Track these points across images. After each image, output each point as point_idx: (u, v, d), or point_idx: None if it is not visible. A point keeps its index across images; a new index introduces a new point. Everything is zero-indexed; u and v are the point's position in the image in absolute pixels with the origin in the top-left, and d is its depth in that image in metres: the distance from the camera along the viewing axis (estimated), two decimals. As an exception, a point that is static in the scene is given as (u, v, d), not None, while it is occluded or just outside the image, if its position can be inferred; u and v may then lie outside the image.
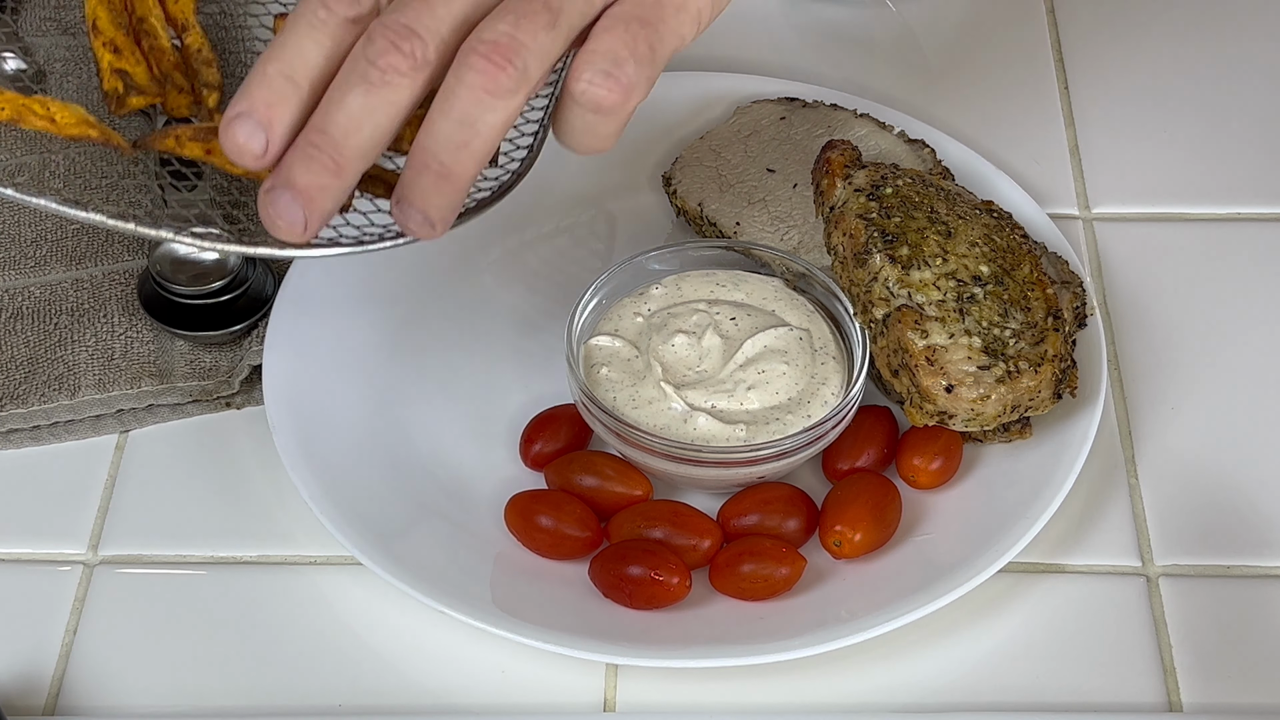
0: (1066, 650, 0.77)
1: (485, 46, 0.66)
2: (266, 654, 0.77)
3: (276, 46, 0.67)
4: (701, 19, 0.71)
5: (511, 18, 0.67)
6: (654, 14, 0.69)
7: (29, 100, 0.77)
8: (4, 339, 0.87)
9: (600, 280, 0.84)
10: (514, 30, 0.67)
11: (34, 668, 0.77)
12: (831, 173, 0.85)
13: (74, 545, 0.81)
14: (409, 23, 0.66)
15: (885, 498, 0.79)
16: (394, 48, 0.66)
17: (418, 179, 0.67)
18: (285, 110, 0.67)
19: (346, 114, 0.66)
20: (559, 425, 0.82)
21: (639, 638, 0.75)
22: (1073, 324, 0.83)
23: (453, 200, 0.68)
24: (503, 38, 0.66)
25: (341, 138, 0.66)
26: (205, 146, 0.75)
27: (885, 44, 1.03)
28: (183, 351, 0.86)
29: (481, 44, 0.66)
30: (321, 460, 0.81)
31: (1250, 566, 0.79)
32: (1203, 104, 0.99)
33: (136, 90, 0.81)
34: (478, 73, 0.66)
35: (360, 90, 0.66)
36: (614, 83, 0.68)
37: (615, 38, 0.68)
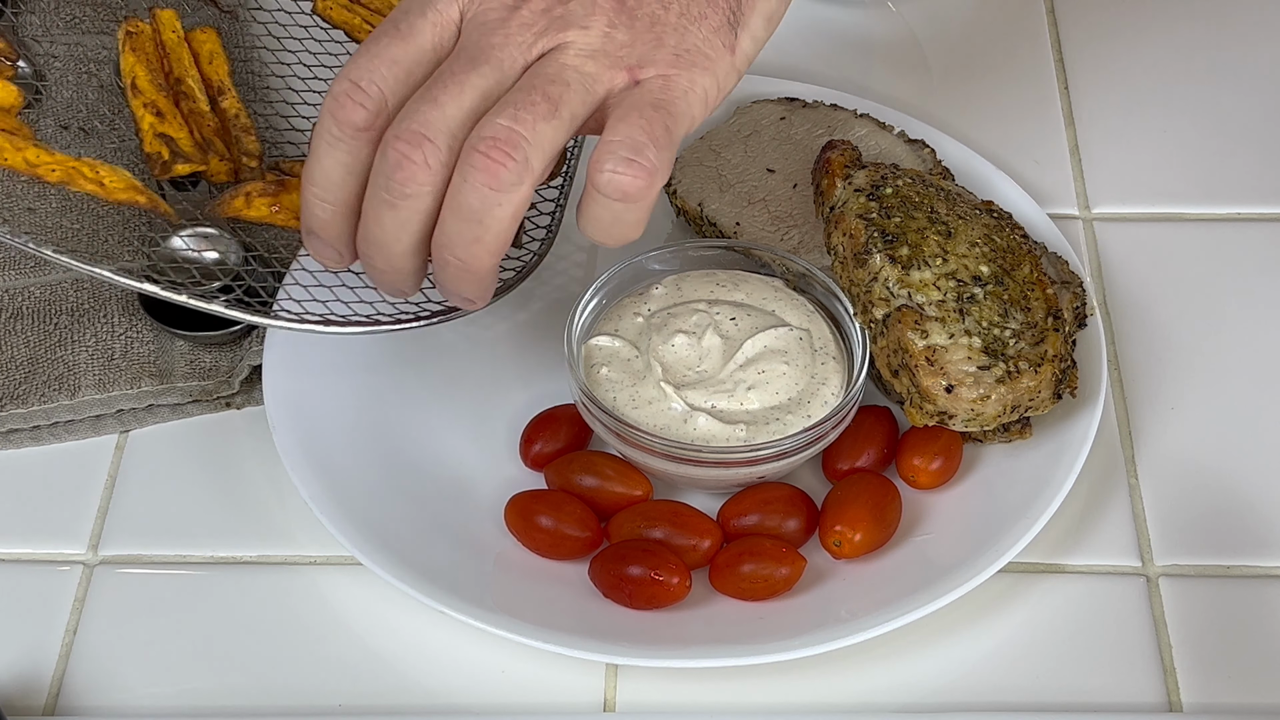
0: (1066, 650, 0.77)
1: (485, 143, 0.68)
2: (266, 654, 0.77)
3: (308, 167, 0.72)
4: (709, 99, 0.72)
5: (511, 110, 0.68)
6: (665, 97, 0.70)
7: (78, 163, 0.79)
8: (4, 339, 0.87)
9: (600, 280, 0.84)
10: (513, 124, 0.68)
11: (34, 668, 0.77)
12: (831, 173, 0.85)
13: (74, 545, 0.81)
14: (419, 128, 0.69)
15: (885, 498, 0.79)
16: (407, 160, 0.69)
17: (442, 273, 0.72)
18: (336, 228, 0.73)
19: (383, 229, 0.71)
20: (559, 425, 0.82)
21: (639, 638, 0.75)
22: (1073, 324, 0.83)
23: (481, 285, 0.72)
24: (502, 132, 0.68)
25: (387, 248, 0.71)
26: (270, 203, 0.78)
27: (885, 44, 1.03)
28: (183, 351, 0.86)
29: (482, 141, 0.68)
30: (321, 460, 0.81)
31: (1250, 566, 0.79)
32: (1203, 104, 0.99)
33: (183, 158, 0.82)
34: (480, 170, 0.68)
35: (387, 208, 0.70)
36: (638, 168, 0.69)
37: (633, 125, 0.69)
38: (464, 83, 0.69)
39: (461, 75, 0.69)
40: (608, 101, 0.71)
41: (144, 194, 0.80)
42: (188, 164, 0.83)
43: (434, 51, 0.71)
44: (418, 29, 0.71)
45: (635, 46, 0.71)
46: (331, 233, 0.73)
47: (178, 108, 0.86)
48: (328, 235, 0.73)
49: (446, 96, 0.69)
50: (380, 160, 0.70)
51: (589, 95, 0.70)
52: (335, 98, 0.70)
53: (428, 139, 0.69)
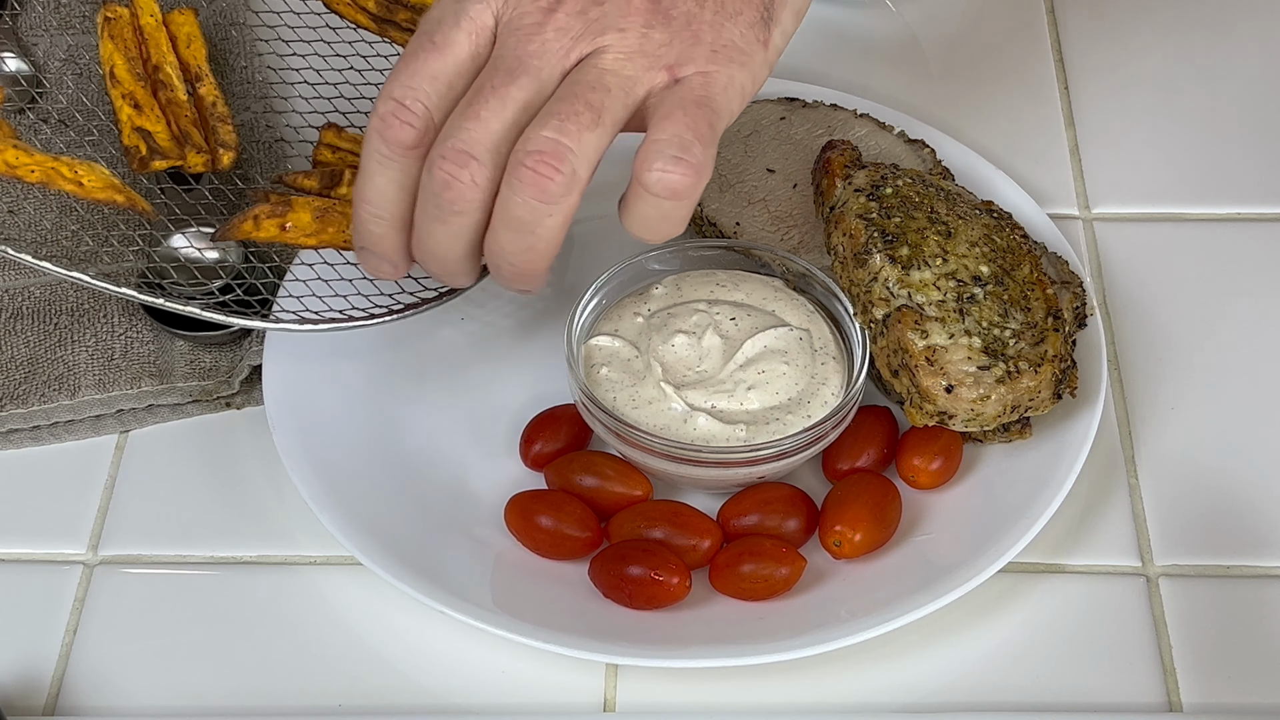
0: (1066, 650, 0.77)
1: (532, 157, 0.69)
2: (266, 654, 0.77)
3: (360, 185, 0.73)
4: (746, 94, 0.73)
5: (555, 122, 0.69)
6: (706, 94, 0.71)
7: (57, 163, 0.78)
8: (4, 339, 0.87)
9: (600, 280, 0.84)
10: (558, 135, 0.69)
11: (34, 668, 0.77)
12: (831, 173, 0.85)
13: (74, 545, 0.81)
14: (464, 146, 0.69)
15: (885, 498, 0.79)
16: (454, 179, 0.70)
17: (497, 275, 0.74)
18: (391, 241, 0.74)
19: (436, 242, 0.72)
20: (559, 425, 0.82)
21: (639, 638, 0.75)
22: (1073, 324, 0.83)
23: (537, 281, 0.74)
24: (547, 145, 0.69)
25: (442, 257, 0.73)
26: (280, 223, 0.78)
27: (885, 44, 1.03)
28: (183, 351, 0.86)
29: (528, 155, 0.69)
30: (321, 460, 0.81)
31: (1250, 566, 0.79)
32: (1203, 104, 0.99)
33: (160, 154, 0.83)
34: (528, 185, 0.69)
35: (438, 224, 0.72)
36: (685, 166, 0.70)
37: (677, 122, 0.70)
38: (505, 96, 0.70)
39: (502, 88, 0.70)
40: (648, 100, 0.71)
41: (122, 192, 0.79)
42: (164, 160, 0.83)
43: (472, 60, 0.71)
44: (454, 40, 0.71)
45: (673, 45, 0.71)
46: (386, 246, 0.74)
47: (155, 98, 0.85)
48: (382, 249, 0.75)
49: (488, 111, 0.69)
50: (428, 179, 0.71)
51: (629, 98, 0.70)
52: (382, 118, 0.71)
53: (473, 157, 0.69)
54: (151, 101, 0.85)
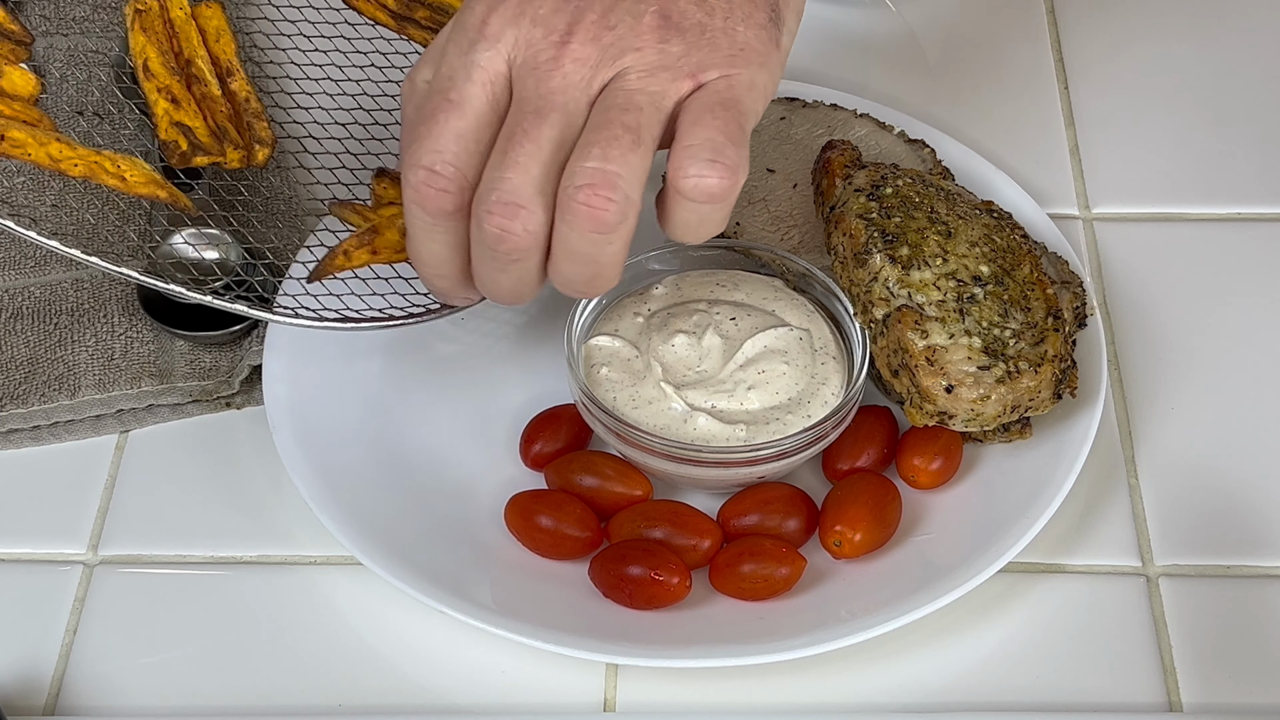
0: (1066, 650, 0.77)
1: (583, 192, 0.69)
2: (266, 654, 0.77)
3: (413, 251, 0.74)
4: (767, 94, 0.73)
5: (597, 150, 0.69)
6: (732, 95, 0.71)
7: (100, 157, 0.78)
8: (4, 339, 0.87)
9: (600, 280, 0.84)
10: (604, 164, 0.69)
11: (34, 668, 0.77)
12: (831, 173, 0.85)
13: (74, 545, 0.81)
14: (509, 197, 0.69)
15: (885, 498, 0.79)
16: (507, 233, 0.70)
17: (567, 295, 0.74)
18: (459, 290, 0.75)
19: (502, 288, 0.73)
20: (559, 425, 0.82)
21: (639, 638, 0.75)
22: (1073, 324, 0.83)
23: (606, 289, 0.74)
24: (595, 175, 0.68)
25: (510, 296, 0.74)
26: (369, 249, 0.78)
27: (885, 44, 1.03)
28: (183, 351, 0.86)
29: (579, 190, 0.69)
30: (321, 460, 0.81)
31: (1250, 566, 0.79)
32: (1203, 104, 0.99)
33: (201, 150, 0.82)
34: (583, 218, 0.69)
35: (500, 274, 0.72)
36: (721, 168, 0.69)
37: (708, 126, 0.70)
38: (538, 137, 0.69)
39: (533, 130, 0.70)
40: (676, 111, 0.71)
41: (164, 188, 0.79)
42: (206, 155, 0.83)
43: (493, 111, 0.71)
44: (470, 95, 0.71)
45: (691, 54, 0.71)
46: (458, 293, 0.75)
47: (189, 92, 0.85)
48: (455, 295, 0.76)
49: (525, 156, 0.69)
50: (479, 234, 0.71)
51: (661, 112, 0.70)
52: (416, 189, 0.71)
53: (520, 206, 0.70)
54: (188, 96, 0.85)
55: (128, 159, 0.79)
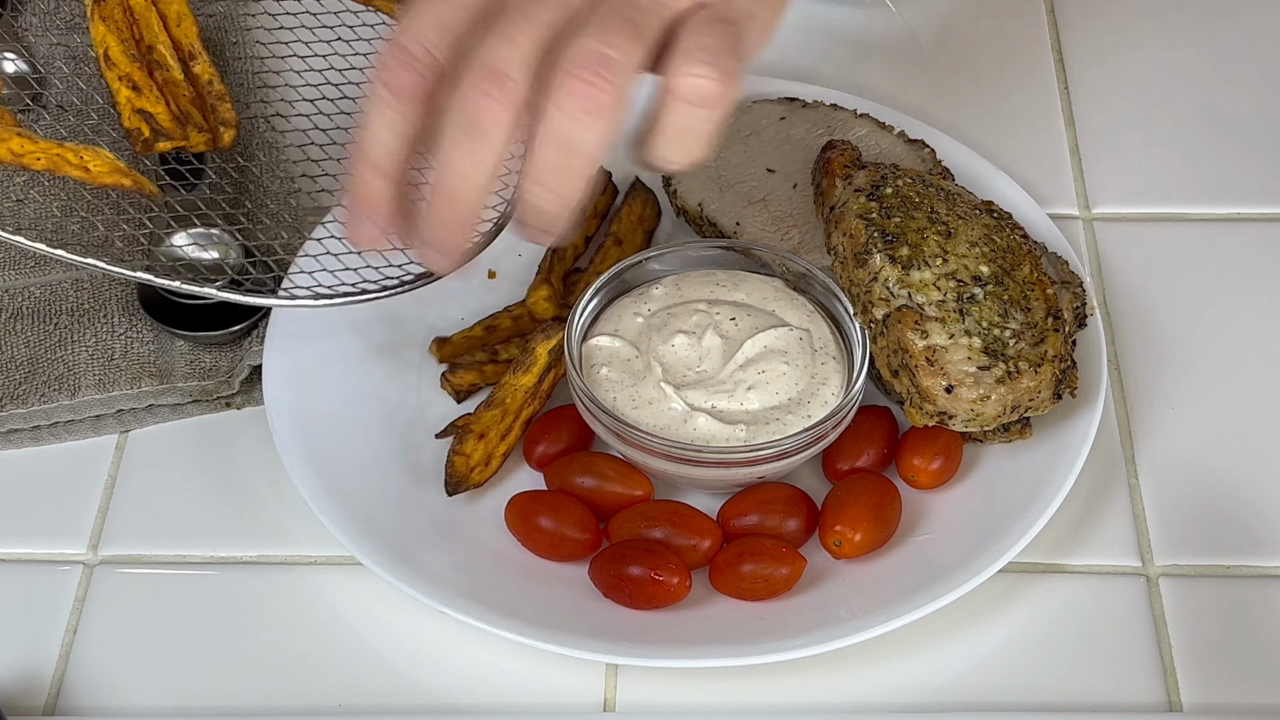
0: (1066, 650, 0.77)
1: (579, 67, 0.66)
2: (266, 654, 0.77)
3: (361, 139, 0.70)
4: (767, 29, 0.71)
5: (597, 34, 0.67)
6: (733, 16, 0.69)
7: (62, 149, 0.78)
8: (4, 339, 0.87)
9: (600, 280, 0.84)
10: (603, 46, 0.67)
11: (34, 668, 0.77)
12: (831, 173, 0.85)
13: (74, 545, 0.81)
14: (499, 65, 0.67)
15: (885, 498, 0.79)
16: (489, 98, 0.67)
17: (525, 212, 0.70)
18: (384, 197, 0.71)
19: (458, 175, 0.68)
20: (563, 425, 0.82)
21: (639, 638, 0.75)
22: (1073, 324, 0.83)
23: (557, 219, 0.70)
24: (593, 56, 0.66)
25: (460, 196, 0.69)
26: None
27: (885, 44, 1.03)
28: (183, 351, 0.86)
29: (575, 65, 0.67)
30: (321, 460, 0.81)
31: (1250, 566, 0.79)
32: (1203, 104, 0.99)
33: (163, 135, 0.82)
34: (574, 95, 0.66)
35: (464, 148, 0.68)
36: (717, 72, 0.68)
37: (706, 35, 0.68)
38: (534, 18, 0.67)
39: (531, 10, 0.68)
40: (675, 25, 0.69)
41: (128, 175, 0.79)
42: (168, 140, 0.82)
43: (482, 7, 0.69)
44: None
45: None
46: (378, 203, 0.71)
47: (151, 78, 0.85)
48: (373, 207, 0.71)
49: (519, 32, 0.67)
50: (456, 101, 0.68)
51: (660, 19, 0.68)
52: (385, 64, 0.69)
53: (508, 76, 0.67)
54: (149, 82, 0.84)
55: (90, 149, 0.79)
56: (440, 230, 0.71)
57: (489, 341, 0.86)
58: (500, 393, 0.81)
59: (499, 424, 0.81)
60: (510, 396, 0.81)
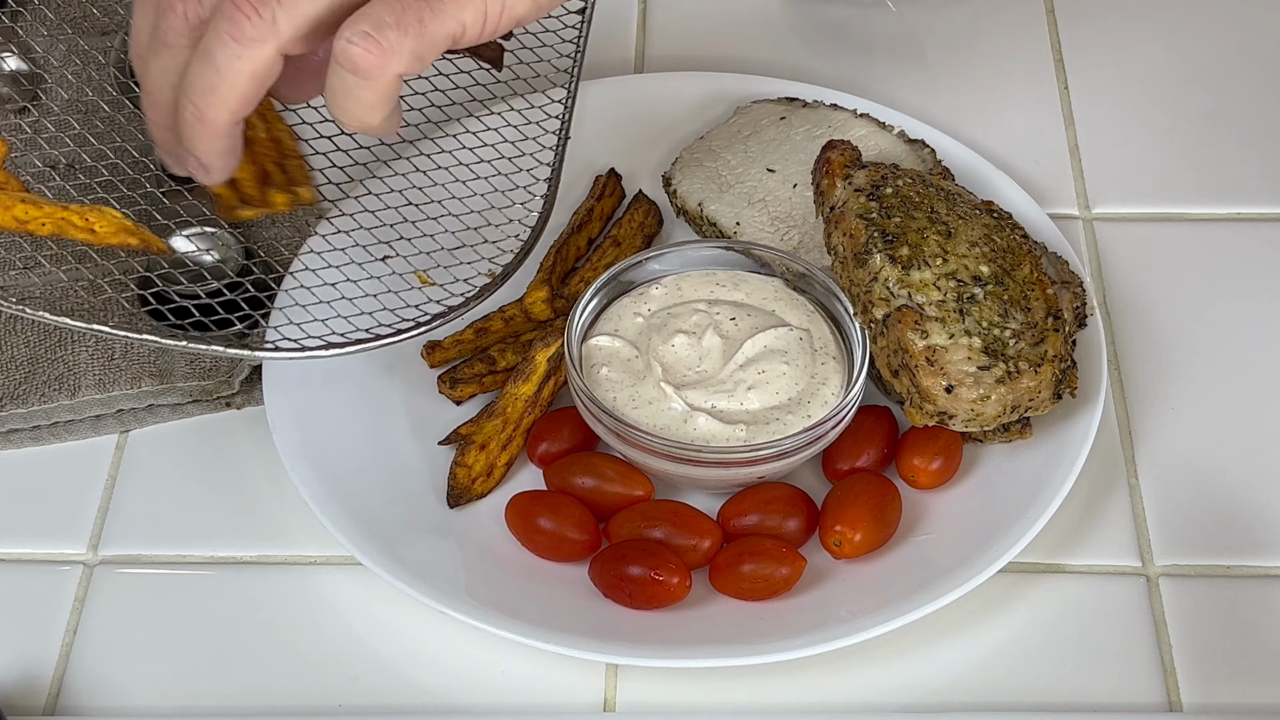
0: (1066, 650, 0.77)
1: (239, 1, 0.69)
2: (266, 654, 0.77)
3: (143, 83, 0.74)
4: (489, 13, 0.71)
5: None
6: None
7: (67, 212, 0.79)
8: (4, 339, 0.87)
9: (600, 280, 0.84)
10: None
11: (34, 668, 0.77)
12: (831, 173, 0.85)
13: (74, 545, 0.81)
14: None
15: (885, 498, 0.79)
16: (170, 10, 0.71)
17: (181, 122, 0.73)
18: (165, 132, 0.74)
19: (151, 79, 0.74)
20: (566, 425, 0.82)
21: (639, 638, 0.75)
22: (1073, 324, 0.83)
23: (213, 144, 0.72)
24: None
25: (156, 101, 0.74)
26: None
27: (885, 44, 1.03)
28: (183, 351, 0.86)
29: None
30: (321, 460, 0.81)
31: (1250, 566, 0.79)
32: (1203, 104, 0.99)
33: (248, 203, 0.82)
34: (225, 19, 0.69)
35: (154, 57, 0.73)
36: (372, 44, 0.69)
37: (385, 5, 0.69)
38: None
39: None
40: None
41: (135, 234, 0.80)
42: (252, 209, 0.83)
43: None
44: None
45: None
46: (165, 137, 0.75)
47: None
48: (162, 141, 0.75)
49: None
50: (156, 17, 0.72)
51: None
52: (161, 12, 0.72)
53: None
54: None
55: (95, 210, 0.79)
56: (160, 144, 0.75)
57: (480, 345, 0.86)
58: (501, 402, 0.81)
59: (500, 434, 0.81)
60: (511, 406, 0.81)
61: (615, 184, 0.91)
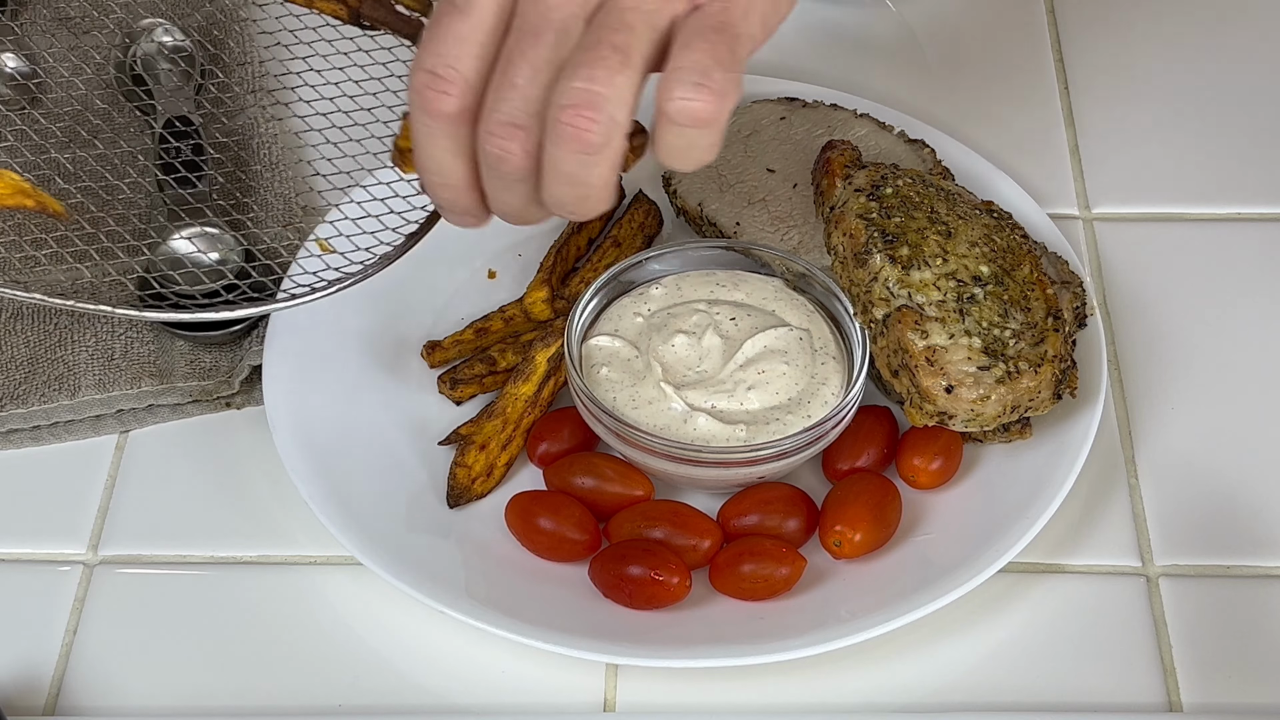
0: (1066, 650, 0.77)
1: (566, 112, 0.68)
2: (266, 654, 0.77)
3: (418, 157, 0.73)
4: (768, 21, 0.71)
5: (584, 71, 0.68)
6: (725, 19, 0.70)
7: None
8: (4, 339, 0.87)
9: (600, 280, 0.84)
10: (589, 85, 0.68)
11: (34, 668, 0.77)
12: (831, 173, 0.85)
13: (74, 545, 0.81)
14: (506, 118, 0.69)
15: (885, 498, 0.79)
16: (505, 153, 0.69)
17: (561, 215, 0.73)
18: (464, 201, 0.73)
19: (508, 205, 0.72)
20: (566, 425, 0.82)
21: (639, 638, 0.75)
22: (1073, 324, 0.83)
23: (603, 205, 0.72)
24: (580, 96, 0.68)
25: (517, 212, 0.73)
26: None
27: (885, 44, 1.03)
28: (183, 351, 0.86)
29: (563, 111, 0.68)
30: (321, 460, 0.81)
31: (1250, 566, 0.79)
32: (1203, 104, 0.99)
33: None
34: (568, 139, 0.68)
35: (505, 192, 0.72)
36: (706, 92, 0.68)
37: (697, 50, 0.69)
38: (534, 58, 0.69)
39: (530, 50, 0.69)
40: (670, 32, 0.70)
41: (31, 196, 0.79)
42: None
43: (498, 18, 0.70)
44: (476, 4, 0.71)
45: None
46: (461, 206, 0.74)
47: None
48: (458, 209, 0.74)
49: (522, 78, 0.69)
50: (483, 152, 0.71)
51: (654, 32, 0.69)
52: (419, 91, 0.70)
53: (518, 127, 0.69)
54: None
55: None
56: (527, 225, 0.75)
57: (480, 345, 0.86)
58: (501, 402, 0.81)
59: (500, 434, 0.81)
60: (511, 406, 0.81)
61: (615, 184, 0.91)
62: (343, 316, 0.87)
